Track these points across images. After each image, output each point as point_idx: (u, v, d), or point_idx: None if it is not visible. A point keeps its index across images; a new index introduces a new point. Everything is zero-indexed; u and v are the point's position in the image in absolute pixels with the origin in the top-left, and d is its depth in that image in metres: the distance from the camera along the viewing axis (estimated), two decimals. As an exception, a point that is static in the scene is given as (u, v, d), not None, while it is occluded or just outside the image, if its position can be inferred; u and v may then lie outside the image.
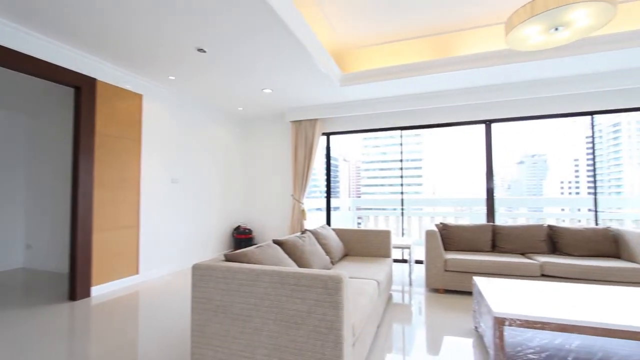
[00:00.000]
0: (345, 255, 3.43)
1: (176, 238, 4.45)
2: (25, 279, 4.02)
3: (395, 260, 4.92)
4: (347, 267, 2.90)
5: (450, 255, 3.44)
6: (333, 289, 1.43)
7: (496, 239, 3.73)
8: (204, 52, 3.15)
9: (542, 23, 2.08)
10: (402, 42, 3.80)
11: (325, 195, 5.45)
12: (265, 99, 4.71)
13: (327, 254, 2.93)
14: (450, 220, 5.39)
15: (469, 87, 4.26)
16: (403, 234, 5.63)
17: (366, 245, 3.44)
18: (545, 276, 3.12)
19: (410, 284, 3.80)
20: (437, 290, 3.48)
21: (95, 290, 3.36)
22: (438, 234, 3.48)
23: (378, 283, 2.46)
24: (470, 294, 3.37)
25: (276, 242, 2.30)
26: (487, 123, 4.49)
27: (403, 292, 3.52)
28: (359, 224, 6.64)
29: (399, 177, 5.39)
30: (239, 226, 5.55)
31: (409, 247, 3.88)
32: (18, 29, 2.72)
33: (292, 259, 2.30)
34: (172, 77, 3.87)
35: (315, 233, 3.05)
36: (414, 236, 5.79)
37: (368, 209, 6.99)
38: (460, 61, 3.62)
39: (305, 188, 5.20)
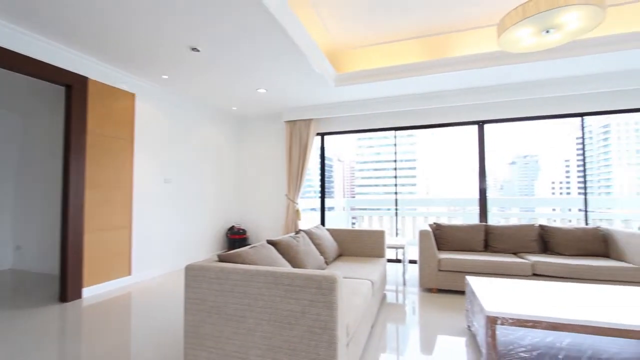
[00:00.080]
0: (339, 256, 3.44)
1: (169, 238, 4.41)
2: (14, 280, 3.95)
3: (389, 260, 4.94)
4: (341, 267, 2.90)
5: (444, 255, 3.46)
6: (327, 289, 1.43)
7: (489, 239, 3.77)
8: (198, 51, 3.13)
9: (533, 25, 2.11)
10: (396, 43, 3.82)
11: (320, 195, 5.45)
12: (259, 98, 4.70)
13: (322, 254, 2.93)
14: (444, 220, 5.44)
15: (462, 88, 4.30)
16: (397, 234, 5.66)
17: (360, 246, 3.45)
18: (536, 275, 3.16)
19: (404, 283, 3.82)
20: (430, 290, 3.50)
21: (86, 291, 3.32)
22: (431, 234, 3.50)
23: (372, 283, 2.46)
24: (463, 293, 3.40)
25: (270, 242, 2.29)
26: (480, 124, 4.54)
27: (397, 291, 3.54)
28: (353, 224, 6.66)
29: (393, 178, 5.41)
30: (232, 226, 5.52)
31: (403, 247, 3.90)
32: (6, 25, 2.67)
33: (286, 259, 2.29)
34: (165, 77, 3.83)
35: (309, 233, 3.04)
36: (408, 236, 5.82)
37: (362, 209, 7.00)
38: (453, 62, 3.65)
39: (299, 188, 5.20)
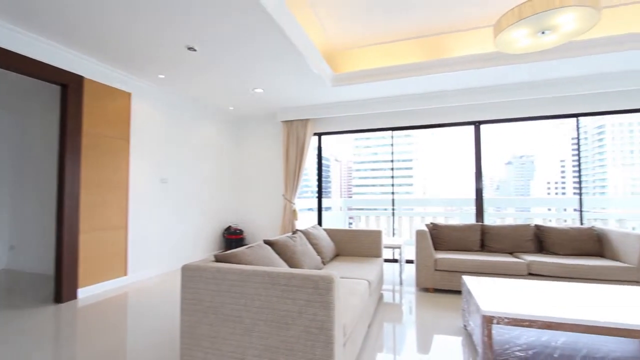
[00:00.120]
0: (336, 256, 3.44)
1: (165, 239, 4.39)
2: (8, 280, 3.91)
3: (386, 260, 4.95)
4: (338, 267, 2.90)
5: (440, 255, 3.48)
6: (324, 289, 1.43)
7: (485, 239, 3.79)
8: (194, 50, 3.12)
9: (529, 26, 2.12)
10: (393, 44, 3.83)
11: (317, 195, 5.45)
12: (256, 98, 4.68)
13: (319, 254, 2.93)
14: (441, 220, 5.45)
15: (458, 89, 4.31)
16: (394, 234, 5.67)
17: (357, 246, 3.46)
18: (532, 275, 3.18)
19: (401, 283, 3.83)
20: (427, 290, 3.51)
21: (82, 292, 3.29)
22: (428, 233, 3.51)
23: (369, 283, 2.47)
24: (459, 292, 3.41)
25: (267, 242, 2.29)
26: (477, 124, 4.56)
27: (394, 291, 3.55)
28: (350, 224, 6.66)
29: (390, 178, 5.43)
30: (229, 226, 5.51)
31: (400, 247, 3.91)
32: (3, 25, 2.64)
33: (283, 259, 2.29)
34: (162, 76, 3.81)
35: (306, 233, 3.04)
36: (405, 236, 5.83)
37: (359, 209, 7.01)
38: (450, 63, 3.66)
39: (296, 188, 5.19)
